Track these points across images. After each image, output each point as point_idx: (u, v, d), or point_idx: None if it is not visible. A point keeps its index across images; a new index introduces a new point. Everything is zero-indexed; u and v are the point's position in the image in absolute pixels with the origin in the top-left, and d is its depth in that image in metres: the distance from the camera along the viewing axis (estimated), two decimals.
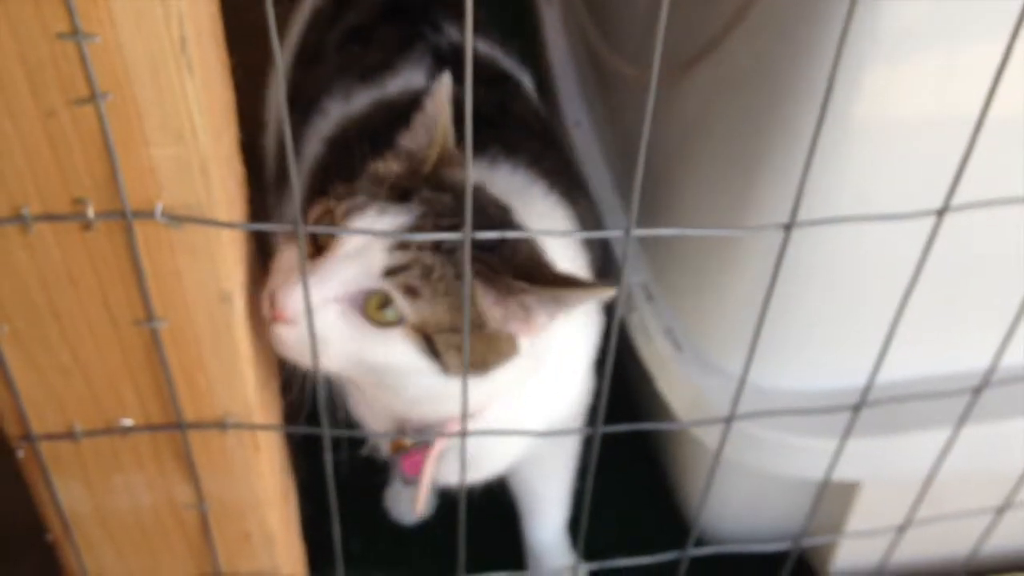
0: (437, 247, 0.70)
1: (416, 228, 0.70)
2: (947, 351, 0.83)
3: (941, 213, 0.55)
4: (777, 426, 0.82)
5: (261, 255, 0.71)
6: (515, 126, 0.96)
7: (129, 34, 0.47)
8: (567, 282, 0.71)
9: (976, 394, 0.66)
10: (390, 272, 0.69)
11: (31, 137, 0.49)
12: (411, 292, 0.69)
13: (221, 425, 0.65)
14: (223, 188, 0.57)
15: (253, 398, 0.66)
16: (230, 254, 0.59)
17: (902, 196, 0.75)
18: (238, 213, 0.63)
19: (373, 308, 0.69)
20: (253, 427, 0.67)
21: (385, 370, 0.72)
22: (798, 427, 0.82)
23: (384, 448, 0.88)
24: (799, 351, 0.85)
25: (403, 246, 0.69)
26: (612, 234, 0.56)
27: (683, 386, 0.88)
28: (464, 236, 0.55)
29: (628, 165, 1.01)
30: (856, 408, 0.66)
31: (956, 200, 0.57)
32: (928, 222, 0.58)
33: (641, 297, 0.94)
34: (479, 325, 0.72)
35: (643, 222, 1.01)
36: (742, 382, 0.62)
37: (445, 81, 0.74)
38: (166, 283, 0.58)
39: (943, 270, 0.64)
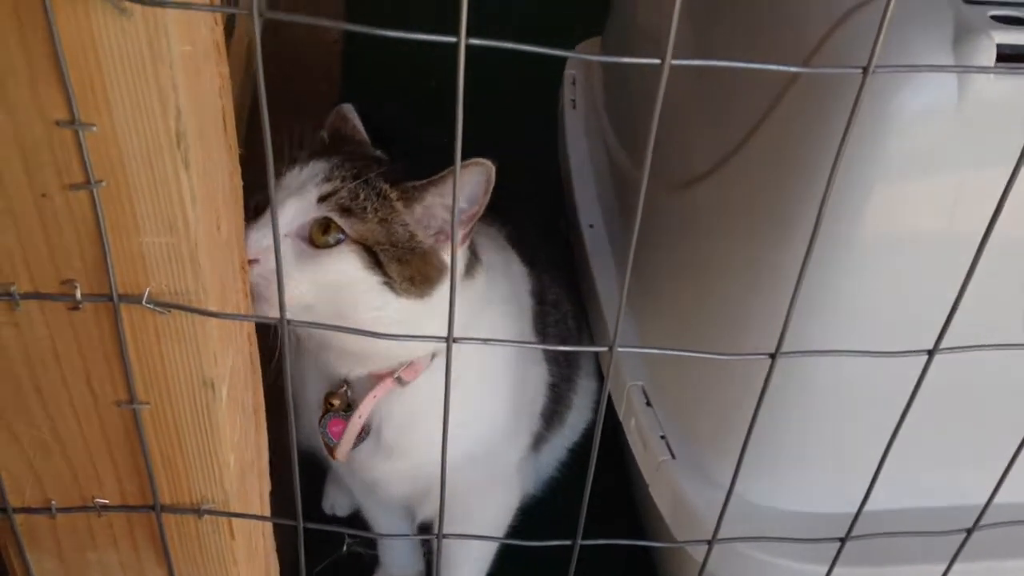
0: (358, 178, 0.83)
1: (336, 167, 0.84)
2: (942, 485, 0.81)
3: (932, 353, 0.54)
4: (765, 548, 0.80)
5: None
6: None
7: (125, 125, 0.47)
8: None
9: (968, 534, 0.64)
10: (323, 199, 0.81)
11: (23, 217, 0.50)
12: (345, 211, 0.81)
13: (196, 511, 0.65)
14: (215, 276, 0.58)
15: (232, 485, 0.66)
16: (217, 342, 0.59)
17: (903, 321, 0.75)
18: (233, 300, 0.64)
19: (318, 235, 0.81)
20: (229, 515, 0.66)
21: (339, 287, 0.81)
22: (786, 551, 0.80)
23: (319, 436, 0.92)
24: (792, 472, 0.84)
25: (330, 179, 0.82)
26: (596, 349, 0.56)
27: (675, 496, 0.87)
28: None
29: (635, 270, 1.02)
30: (843, 540, 0.64)
31: (955, 334, 0.57)
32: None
33: (639, 401, 0.93)
34: (412, 246, 0.83)
35: (646, 325, 1.01)
36: (725, 504, 0.61)
37: (348, 106, 0.94)
38: (150, 366, 0.58)
39: (938, 404, 0.63)
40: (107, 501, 0.64)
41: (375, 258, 0.81)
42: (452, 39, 0.44)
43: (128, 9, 0.44)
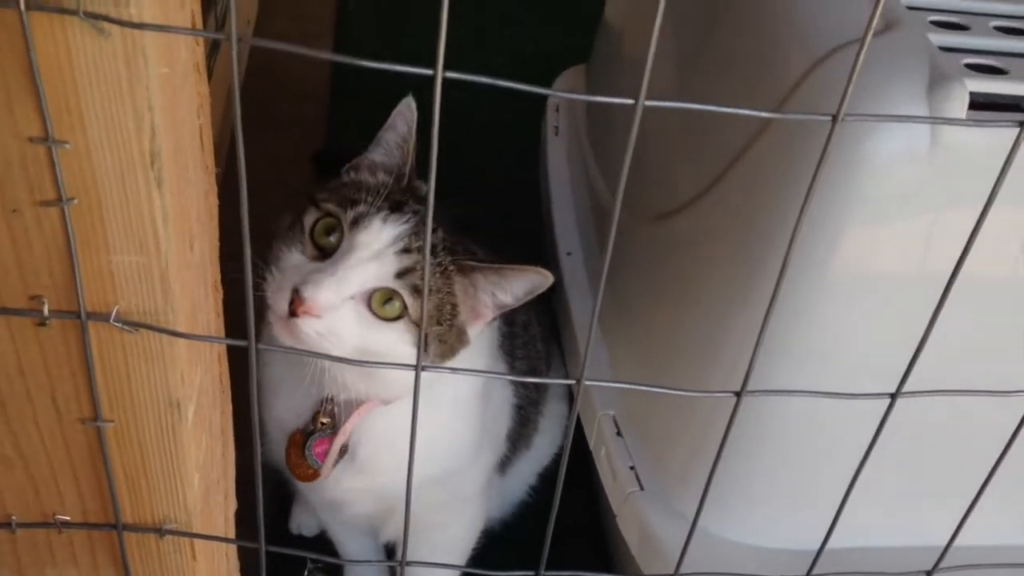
0: (430, 252, 0.78)
1: (413, 235, 0.80)
2: (904, 525, 0.82)
3: (894, 396, 0.54)
4: None
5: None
6: None
7: (98, 144, 0.47)
8: (506, 262, 0.82)
9: None
10: (400, 274, 0.79)
11: None
12: (416, 291, 0.79)
13: (158, 530, 0.64)
14: (186, 296, 0.57)
15: (195, 506, 0.65)
16: (185, 362, 0.59)
17: (871, 362, 0.75)
18: (203, 320, 0.63)
19: (379, 304, 0.79)
20: (190, 535, 0.66)
21: (378, 357, 0.79)
22: None
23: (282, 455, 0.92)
24: (758, 508, 0.84)
25: (408, 251, 0.80)
26: (563, 382, 0.56)
27: (642, 527, 0.87)
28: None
29: (609, 298, 1.02)
30: None
31: (921, 376, 0.57)
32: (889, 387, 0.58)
33: (610, 431, 0.93)
34: (452, 322, 0.83)
35: (619, 354, 1.02)
36: (688, 538, 0.61)
37: (411, 104, 0.86)
38: (116, 385, 0.57)
39: (901, 444, 0.64)
40: (68, 518, 0.64)
41: (424, 338, 0.80)
42: (429, 71, 0.45)
43: (106, 29, 0.44)
